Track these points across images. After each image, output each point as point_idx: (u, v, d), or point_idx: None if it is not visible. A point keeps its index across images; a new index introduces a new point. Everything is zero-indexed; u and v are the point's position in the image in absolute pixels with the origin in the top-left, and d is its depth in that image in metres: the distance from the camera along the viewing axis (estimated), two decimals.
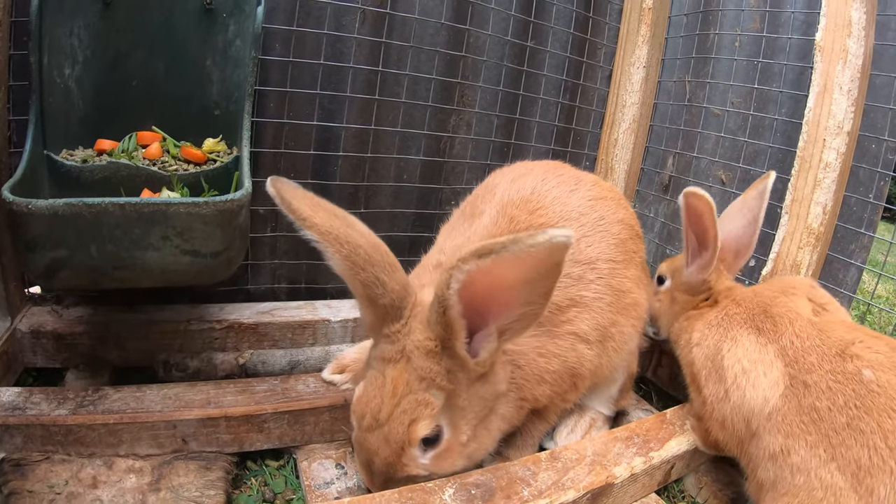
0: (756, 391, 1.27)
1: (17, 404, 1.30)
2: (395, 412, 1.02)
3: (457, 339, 1.01)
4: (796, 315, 1.33)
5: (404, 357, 1.03)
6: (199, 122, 1.66)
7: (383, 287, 1.01)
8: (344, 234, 1.00)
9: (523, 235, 0.84)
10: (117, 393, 1.38)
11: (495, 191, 1.43)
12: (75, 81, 1.53)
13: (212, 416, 1.35)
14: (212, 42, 1.61)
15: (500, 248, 0.85)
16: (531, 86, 2.21)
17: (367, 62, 1.86)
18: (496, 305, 0.99)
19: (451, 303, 0.94)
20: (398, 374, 1.03)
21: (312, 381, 1.52)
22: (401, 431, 1.01)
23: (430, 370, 1.02)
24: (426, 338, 1.02)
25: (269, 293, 1.97)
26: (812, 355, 1.23)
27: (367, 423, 1.04)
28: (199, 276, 1.34)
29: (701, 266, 1.59)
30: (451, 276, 0.90)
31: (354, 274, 1.01)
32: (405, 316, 1.05)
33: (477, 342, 1.05)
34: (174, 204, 1.21)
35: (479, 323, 1.03)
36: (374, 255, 1.01)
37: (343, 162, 1.91)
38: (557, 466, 1.30)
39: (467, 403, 1.09)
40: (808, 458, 1.13)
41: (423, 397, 1.02)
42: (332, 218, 1.02)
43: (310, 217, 1.00)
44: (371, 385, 1.05)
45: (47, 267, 1.21)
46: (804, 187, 1.81)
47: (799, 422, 1.17)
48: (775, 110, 2.01)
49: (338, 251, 0.99)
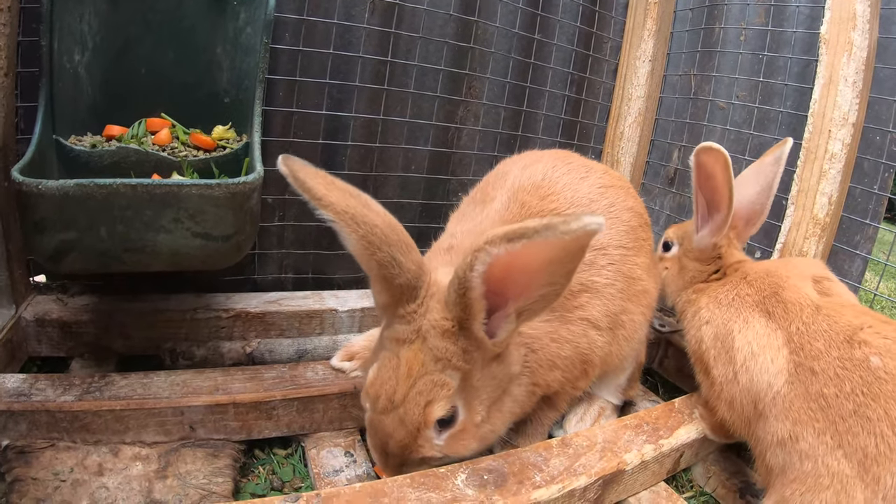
0: (762, 376, 1.26)
1: (21, 390, 1.28)
2: (411, 393, 1.00)
3: (475, 320, 1.00)
4: (804, 301, 1.32)
5: (420, 337, 1.02)
6: (209, 109, 1.65)
7: (399, 267, 1.00)
8: (360, 214, 0.98)
9: (557, 221, 0.83)
10: (124, 379, 1.36)
11: (506, 177, 1.43)
12: (85, 67, 1.52)
13: (220, 403, 1.33)
14: (222, 29, 1.60)
15: (533, 232, 0.84)
16: (538, 78, 2.21)
17: (376, 52, 1.86)
18: (517, 287, 0.98)
19: (473, 284, 0.93)
20: (413, 355, 1.02)
21: (321, 368, 1.51)
22: (417, 413, 1.00)
23: (447, 350, 1.01)
24: (443, 318, 1.01)
25: (275, 283, 1.96)
26: (819, 341, 1.22)
27: (382, 405, 1.03)
28: (209, 261, 1.33)
29: (713, 229, 1.56)
30: (477, 258, 0.88)
31: (370, 254, 0.99)
32: (421, 296, 1.03)
33: (494, 322, 1.04)
34: (186, 185, 1.20)
35: (498, 303, 1.02)
36: (391, 235, 0.99)
37: (351, 151, 1.91)
38: (569, 452, 1.29)
39: (481, 384, 1.08)
40: (815, 445, 1.12)
41: (439, 378, 1.01)
42: (347, 197, 1.00)
43: (325, 196, 0.98)
44: (385, 366, 1.04)
45: (56, 250, 1.20)
46: (810, 178, 1.83)
47: (807, 408, 1.16)
48: (780, 103, 2.02)
49: (354, 231, 0.97)
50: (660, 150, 2.47)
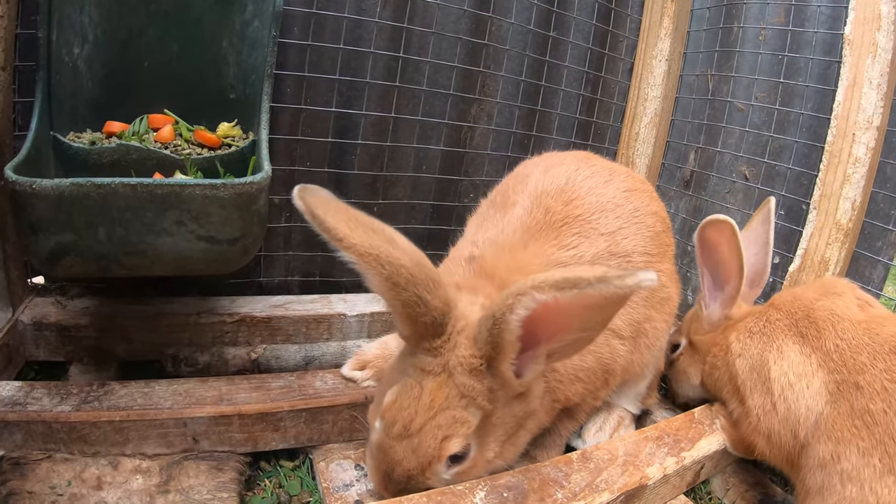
0: (800, 403, 1.22)
1: (17, 399, 1.22)
2: (429, 425, 0.97)
3: (505, 360, 0.97)
4: (838, 317, 1.28)
5: (446, 371, 0.99)
6: (213, 105, 1.59)
7: (425, 306, 0.96)
8: (385, 254, 0.92)
9: (612, 276, 0.81)
10: (124, 388, 1.30)
11: (528, 180, 1.38)
12: (84, 61, 1.46)
13: (224, 414, 1.27)
14: (228, 22, 1.54)
15: (586, 284, 0.82)
16: (553, 77, 2.15)
17: (388, 48, 1.80)
18: (552, 330, 0.95)
19: (511, 327, 0.90)
20: (437, 388, 0.99)
21: (330, 377, 1.45)
22: (432, 446, 0.97)
23: (473, 388, 0.98)
24: (472, 355, 0.98)
25: (282, 286, 1.90)
26: (862, 354, 1.17)
27: (397, 431, 0.99)
28: (213, 265, 1.26)
29: (725, 302, 1.54)
30: (520, 302, 0.86)
31: (396, 294, 0.94)
32: (447, 332, 1.00)
33: (523, 363, 1.01)
34: (190, 185, 1.14)
35: (529, 344, 0.98)
36: (418, 274, 0.94)
37: (361, 150, 1.85)
38: (590, 467, 1.26)
39: (500, 421, 1.05)
40: (860, 467, 1.06)
41: (461, 415, 0.98)
42: (370, 236, 0.94)
43: (347, 237, 0.92)
44: (406, 393, 1.00)
45: (51, 252, 1.14)
46: (833, 182, 1.79)
47: (850, 426, 1.11)
48: (801, 105, 1.97)
49: (378, 273, 0.92)
50: (675, 151, 2.41)
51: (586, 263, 1.26)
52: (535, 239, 1.27)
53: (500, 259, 1.21)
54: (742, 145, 2.14)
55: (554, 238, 1.27)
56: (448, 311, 0.99)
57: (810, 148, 1.93)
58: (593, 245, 1.28)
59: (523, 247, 1.25)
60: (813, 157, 1.91)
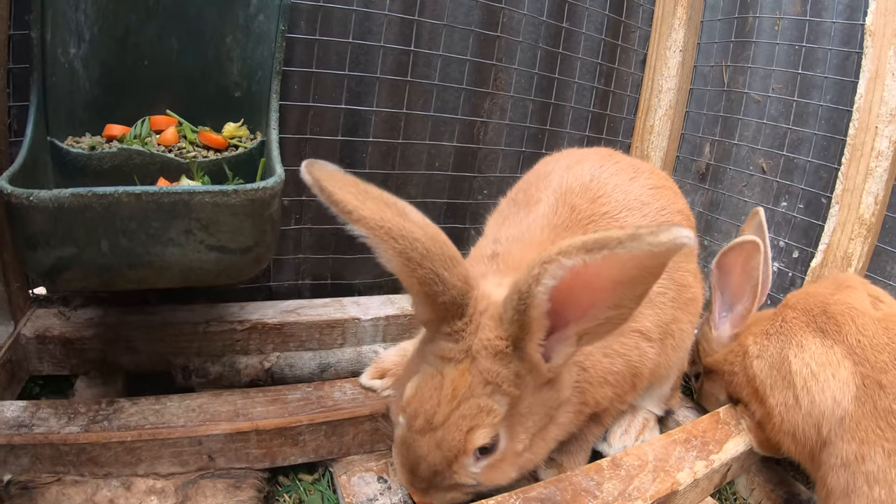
0: (825, 394, 1.19)
1: (22, 420, 1.17)
2: (453, 417, 0.91)
3: (532, 341, 0.90)
4: (857, 311, 1.26)
5: (469, 357, 0.92)
6: (218, 104, 1.51)
7: (444, 283, 0.89)
8: (398, 227, 0.86)
9: (644, 232, 0.73)
10: (134, 406, 1.24)
11: (550, 178, 1.32)
12: (81, 61, 1.39)
13: (241, 430, 1.22)
14: (232, 16, 1.46)
15: (616, 243, 0.74)
16: (566, 69, 2.09)
17: (398, 41, 1.72)
18: (581, 307, 0.88)
19: (538, 301, 0.83)
20: (460, 375, 0.92)
21: (349, 387, 1.40)
22: (457, 438, 0.91)
23: (498, 374, 0.91)
24: (496, 336, 0.91)
25: (292, 290, 1.84)
26: (884, 354, 1.15)
27: (420, 424, 0.93)
28: (224, 276, 1.20)
29: (736, 321, 1.52)
30: (546, 271, 0.79)
31: (410, 271, 0.88)
32: (468, 313, 0.93)
33: (552, 345, 0.94)
34: (198, 193, 1.07)
35: (558, 324, 0.91)
36: (433, 249, 0.88)
37: (372, 148, 1.78)
38: (621, 475, 1.23)
39: (529, 410, 0.99)
40: (886, 468, 1.04)
41: (487, 403, 0.92)
42: (382, 208, 0.88)
43: (357, 209, 0.86)
44: (427, 384, 0.94)
45: (52, 266, 1.07)
46: (856, 176, 1.77)
47: (875, 427, 1.08)
48: (819, 96, 1.91)
49: (391, 247, 0.86)
50: (690, 144, 2.36)
51: None
52: (561, 237, 1.22)
53: (525, 255, 1.16)
54: (759, 137, 2.09)
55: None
56: (468, 290, 0.92)
57: (829, 140, 1.88)
58: None
59: (550, 245, 1.20)
60: (832, 150, 1.87)
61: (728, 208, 2.21)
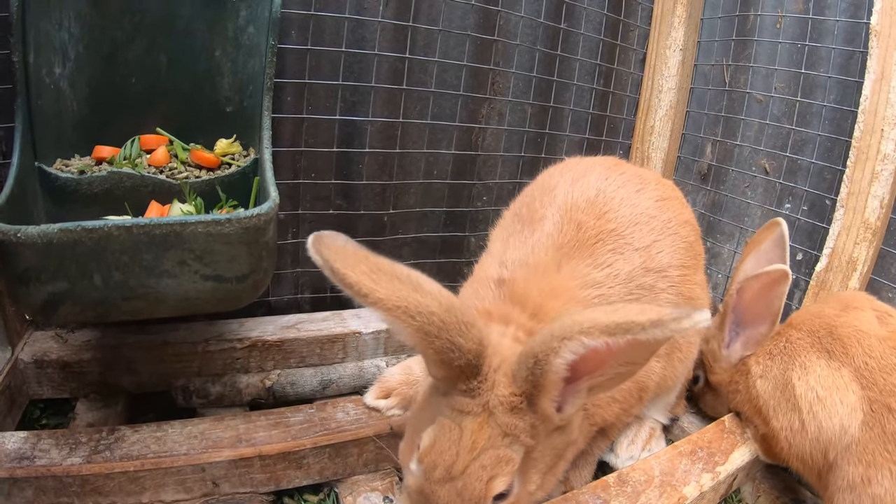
0: (833, 420, 1.18)
1: (24, 453, 1.16)
2: (473, 467, 0.93)
3: (547, 398, 0.93)
4: (863, 333, 1.24)
5: (486, 412, 0.94)
6: (210, 120, 1.48)
7: (459, 350, 0.90)
8: (414, 305, 0.86)
9: (667, 318, 0.76)
10: (135, 433, 1.23)
11: (554, 192, 1.30)
12: (68, 81, 1.35)
13: (244, 457, 1.21)
14: (221, 29, 1.42)
15: (639, 329, 0.77)
16: (564, 71, 2.04)
17: (392, 48, 1.68)
18: (595, 366, 0.90)
19: (555, 369, 0.86)
20: (479, 429, 0.94)
21: (352, 407, 1.38)
22: (478, 488, 0.92)
23: (515, 427, 0.94)
24: (511, 393, 0.93)
25: (292, 304, 1.82)
26: (893, 376, 1.14)
27: (439, 475, 0.94)
28: (222, 304, 1.18)
29: (748, 343, 1.47)
30: (565, 347, 0.82)
31: (428, 344, 0.89)
32: (483, 371, 0.94)
33: (564, 397, 0.96)
34: (191, 223, 1.04)
35: (571, 379, 0.93)
36: (449, 320, 0.88)
37: (369, 159, 1.74)
38: (627, 491, 1.23)
39: (541, 454, 1.01)
40: (893, 492, 1.04)
41: (505, 454, 0.94)
42: (396, 286, 0.88)
43: (373, 292, 0.85)
44: (445, 436, 0.95)
45: (45, 302, 1.05)
46: (861, 180, 1.74)
47: (883, 449, 1.08)
48: (823, 96, 1.87)
49: (409, 325, 0.87)
50: (692, 144, 2.32)
51: (621, 282, 1.20)
52: (568, 258, 1.20)
53: (532, 283, 1.15)
54: (762, 138, 2.05)
55: (588, 256, 1.20)
56: (482, 351, 0.94)
57: (833, 141, 1.85)
58: (628, 262, 1.22)
59: (556, 268, 1.18)
60: (836, 151, 1.83)
61: (730, 209, 2.18)
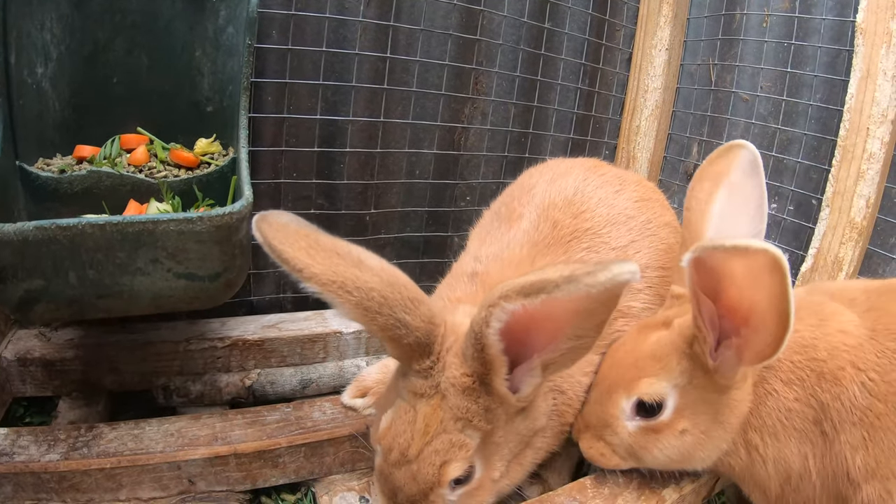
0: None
1: (3, 449, 1.17)
2: (426, 451, 0.92)
3: (496, 376, 0.90)
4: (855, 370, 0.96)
5: (438, 394, 0.93)
6: (190, 120, 1.49)
7: (406, 327, 0.89)
8: (351, 279, 0.86)
9: (580, 272, 0.74)
10: (113, 431, 1.24)
11: (533, 191, 1.30)
12: (49, 81, 1.37)
13: (220, 455, 1.22)
14: (200, 29, 1.43)
15: (552, 286, 0.75)
16: (549, 71, 2.04)
17: (374, 48, 1.68)
18: (542, 339, 0.88)
19: (490, 341, 0.84)
20: (431, 411, 0.93)
21: (329, 406, 1.39)
22: (431, 472, 0.92)
23: (467, 410, 0.92)
24: (462, 374, 0.92)
25: (274, 303, 1.83)
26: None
27: (395, 457, 0.94)
28: (196, 302, 1.19)
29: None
30: (491, 314, 0.80)
31: (370, 320, 0.88)
32: (435, 351, 0.93)
33: (518, 376, 0.94)
34: (163, 221, 1.05)
35: (522, 355, 0.92)
36: (391, 295, 0.88)
37: (350, 158, 1.75)
38: (604, 493, 1.21)
39: (503, 440, 0.99)
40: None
41: (458, 438, 0.93)
42: (334, 262, 0.87)
43: (307, 267, 0.85)
44: (400, 418, 0.95)
45: (21, 300, 1.07)
46: (847, 179, 1.72)
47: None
48: (810, 95, 1.87)
49: (346, 300, 0.86)
50: (678, 144, 2.31)
51: None
52: (542, 255, 1.20)
53: (505, 276, 1.15)
54: (748, 137, 2.05)
55: (563, 253, 1.21)
56: (433, 330, 0.93)
57: (820, 140, 1.84)
58: None
59: (530, 263, 1.19)
60: (823, 151, 1.83)
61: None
